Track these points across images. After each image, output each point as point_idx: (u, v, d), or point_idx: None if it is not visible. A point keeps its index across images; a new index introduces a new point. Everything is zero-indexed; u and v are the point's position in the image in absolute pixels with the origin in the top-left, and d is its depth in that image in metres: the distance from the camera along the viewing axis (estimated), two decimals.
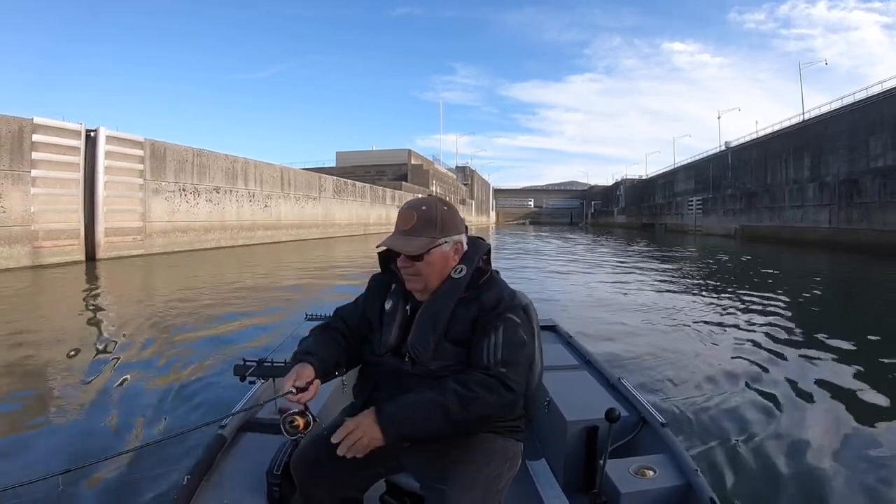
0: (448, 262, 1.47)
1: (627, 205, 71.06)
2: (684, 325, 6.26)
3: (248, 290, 9.14)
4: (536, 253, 20.67)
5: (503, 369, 1.32)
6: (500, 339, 1.37)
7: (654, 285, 10.43)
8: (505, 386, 1.32)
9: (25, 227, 11.28)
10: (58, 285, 9.87)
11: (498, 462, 1.41)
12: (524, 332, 1.41)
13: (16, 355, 4.81)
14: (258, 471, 1.58)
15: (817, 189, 24.65)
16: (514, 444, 1.49)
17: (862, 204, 20.90)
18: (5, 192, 10.90)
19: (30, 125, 11.47)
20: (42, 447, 2.92)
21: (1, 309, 7.19)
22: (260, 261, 14.91)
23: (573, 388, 2.25)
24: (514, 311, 1.42)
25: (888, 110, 20.53)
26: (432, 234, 1.43)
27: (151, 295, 8.85)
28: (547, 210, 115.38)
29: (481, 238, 1.58)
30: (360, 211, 32.39)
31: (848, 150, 22.80)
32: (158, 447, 2.66)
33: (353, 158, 54.85)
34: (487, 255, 1.54)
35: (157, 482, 2.36)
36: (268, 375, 1.56)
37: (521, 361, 1.38)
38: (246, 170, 19.73)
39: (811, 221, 24.75)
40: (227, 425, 1.83)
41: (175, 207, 15.83)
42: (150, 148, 14.94)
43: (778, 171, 29.61)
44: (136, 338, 5.40)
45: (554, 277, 11.98)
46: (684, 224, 44.06)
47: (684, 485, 1.63)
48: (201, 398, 3.48)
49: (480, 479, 1.34)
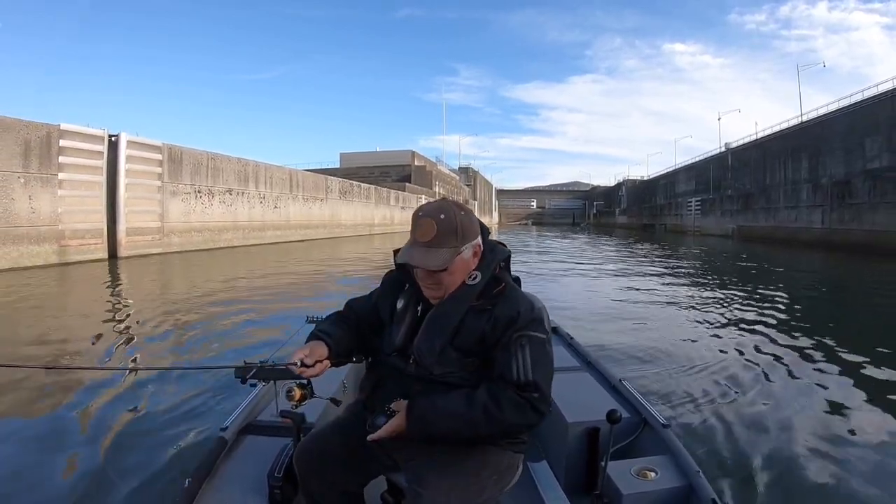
0: (469, 268, 1.43)
1: (629, 205, 71.17)
2: (685, 326, 6.27)
3: (254, 290, 9.27)
4: (539, 252, 21.14)
5: (535, 394, 1.31)
6: (529, 358, 1.33)
7: (654, 285, 10.47)
8: (535, 409, 1.31)
9: (53, 227, 11.97)
10: (83, 281, 10.50)
11: (487, 474, 1.40)
12: (549, 350, 1.38)
13: (45, 340, 5.36)
14: (259, 473, 1.60)
15: (810, 190, 25.14)
16: (513, 456, 1.47)
17: (853, 205, 21.41)
18: (35, 194, 11.60)
19: (57, 131, 12.17)
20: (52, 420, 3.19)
21: (36, 302, 7.85)
22: (270, 260, 15.45)
23: (574, 390, 2.23)
24: (537, 326, 1.37)
25: (883, 113, 20.77)
26: (454, 243, 1.38)
27: (166, 293, 9.22)
28: (549, 211, 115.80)
29: (502, 243, 1.54)
30: (364, 212, 33.10)
31: (844, 152, 23.05)
32: (158, 451, 2.69)
33: (356, 159, 55.15)
34: (506, 261, 1.51)
35: (158, 485, 2.37)
36: (269, 378, 1.55)
37: (549, 383, 1.36)
38: (257, 172, 20.48)
39: (805, 222, 25.24)
40: (228, 428, 1.85)
41: (191, 208, 16.59)
42: (168, 152, 15.66)
43: (777, 173, 29.86)
44: (144, 336, 5.60)
45: (553, 276, 12.11)
46: (683, 224, 44.51)
47: (686, 486, 1.63)
48: (202, 400, 3.46)
49: (459, 489, 1.34)
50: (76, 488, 2.38)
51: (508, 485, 1.46)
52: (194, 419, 3.13)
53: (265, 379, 1.55)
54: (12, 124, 11.19)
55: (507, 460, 1.45)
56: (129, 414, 3.26)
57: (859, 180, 21.28)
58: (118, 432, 2.99)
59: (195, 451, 2.57)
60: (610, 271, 13.50)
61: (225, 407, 2.89)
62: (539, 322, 1.38)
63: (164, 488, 2.31)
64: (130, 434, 2.97)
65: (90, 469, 2.54)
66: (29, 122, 11.58)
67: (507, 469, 1.45)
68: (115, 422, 3.13)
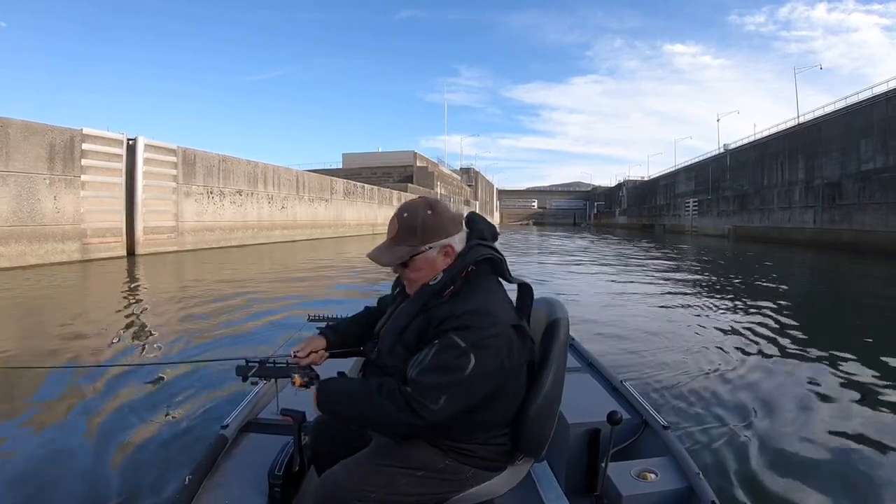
0: (437, 267, 1.43)
1: (629, 206, 71.46)
2: (686, 327, 6.27)
3: (259, 289, 9.33)
4: (540, 250, 21.65)
5: (410, 389, 1.27)
6: (428, 357, 1.30)
7: (654, 285, 10.51)
8: (409, 407, 1.26)
9: (76, 226, 12.67)
10: (103, 277, 11.11)
11: (408, 470, 1.38)
12: (462, 356, 1.27)
13: (63, 332, 5.65)
14: (260, 471, 1.60)
15: (803, 191, 25.74)
16: (458, 466, 1.41)
17: (843, 206, 21.99)
18: (59, 195, 12.29)
19: (80, 135, 12.87)
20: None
21: (61, 294, 8.46)
22: (278, 258, 16.02)
23: (575, 391, 2.16)
24: (462, 332, 1.28)
25: (877, 114, 21.16)
26: (412, 242, 1.41)
27: (178, 289, 9.47)
28: (550, 211, 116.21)
29: (492, 247, 1.48)
30: (368, 212, 33.83)
31: (840, 153, 23.44)
32: (159, 449, 2.72)
33: (359, 160, 55.70)
34: (491, 265, 1.46)
35: (158, 482, 2.37)
36: (270, 376, 1.57)
37: (439, 385, 1.26)
38: (265, 174, 21.23)
39: (798, 222, 25.82)
40: (228, 425, 1.86)
41: (203, 208, 17.34)
42: (182, 155, 16.40)
43: (774, 174, 30.25)
44: (153, 330, 5.80)
45: (553, 275, 12.21)
46: (682, 225, 45.01)
47: (686, 488, 1.63)
48: (203, 397, 3.47)
49: (365, 471, 1.37)
50: (76, 485, 2.40)
51: (452, 494, 1.41)
52: (195, 417, 3.15)
53: (266, 377, 1.59)
54: (38, 129, 11.87)
55: (447, 466, 1.40)
56: (129, 411, 3.27)
57: (849, 182, 21.83)
58: (119, 430, 2.99)
59: (196, 448, 2.58)
60: (607, 271, 13.75)
61: (226, 405, 2.84)
62: (465, 328, 1.29)
63: (164, 486, 2.32)
64: (131, 431, 2.97)
65: (90, 467, 2.56)
66: (54, 126, 12.27)
67: (444, 475, 1.40)
68: (116, 419, 3.15)
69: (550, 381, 1.44)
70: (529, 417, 1.41)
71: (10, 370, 4.16)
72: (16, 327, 6.17)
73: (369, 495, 1.33)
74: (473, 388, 1.30)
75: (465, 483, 1.42)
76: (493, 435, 1.41)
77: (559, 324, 1.51)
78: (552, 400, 1.46)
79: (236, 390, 2.81)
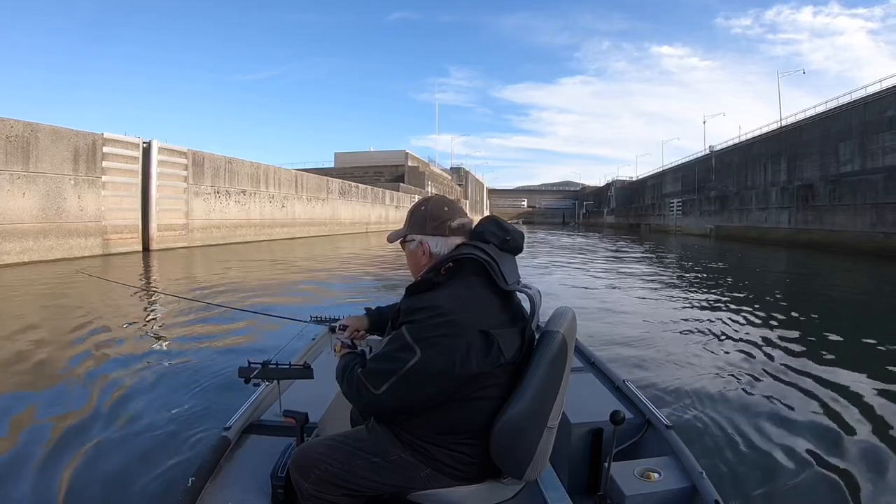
0: (417, 261, 1.50)
1: (618, 205, 71.87)
2: (686, 327, 6.23)
3: (263, 289, 9.30)
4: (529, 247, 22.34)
5: (360, 369, 1.36)
6: (381, 345, 1.39)
7: (651, 284, 10.52)
8: (356, 388, 1.35)
9: (97, 223, 13.55)
10: (124, 269, 11.67)
11: (359, 452, 1.41)
12: (406, 349, 1.27)
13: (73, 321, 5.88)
14: (262, 473, 1.59)
15: (779, 193, 26.94)
16: (414, 464, 1.38)
17: (816, 207, 23.23)
18: (83, 195, 13.15)
19: (101, 139, 13.73)
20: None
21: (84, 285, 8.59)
22: (279, 255, 16.62)
23: (577, 391, 2.17)
24: (409, 325, 1.31)
25: (855, 119, 21.65)
26: (406, 227, 1.53)
27: (190, 282, 9.93)
28: (540, 210, 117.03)
29: (471, 247, 1.41)
30: (362, 211, 34.82)
31: (820, 156, 23.93)
32: (162, 448, 2.71)
33: (351, 159, 56.20)
34: (467, 264, 1.39)
35: (161, 484, 2.37)
36: (272, 378, 1.57)
37: (381, 372, 1.30)
38: (267, 174, 22.18)
39: (774, 222, 27.09)
40: (231, 427, 1.85)
41: (211, 207, 18.29)
42: (192, 157, 17.31)
43: (758, 175, 30.57)
44: (154, 333, 5.75)
45: (550, 274, 12.32)
46: (666, 224, 46.12)
47: (689, 487, 1.62)
48: (205, 398, 3.48)
49: (328, 444, 1.46)
50: (78, 486, 2.38)
51: (407, 490, 1.41)
52: (197, 418, 3.13)
53: (269, 378, 1.58)
54: (64, 133, 12.71)
55: (401, 459, 1.39)
56: (131, 411, 3.27)
57: (821, 185, 22.99)
58: (121, 430, 2.99)
59: (198, 450, 2.59)
60: (603, 268, 13.83)
61: (228, 406, 2.80)
62: (413, 323, 1.30)
63: (166, 487, 2.31)
64: (133, 432, 2.96)
65: (92, 467, 2.55)
66: (78, 131, 13.12)
67: (397, 467, 1.39)
68: (118, 419, 3.14)
69: (532, 397, 1.33)
70: (497, 431, 1.32)
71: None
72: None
73: (327, 467, 1.40)
74: (419, 383, 1.28)
75: (419, 481, 1.39)
76: (455, 441, 1.37)
77: (553, 337, 1.41)
78: (532, 416, 1.36)
79: (238, 392, 2.75)
